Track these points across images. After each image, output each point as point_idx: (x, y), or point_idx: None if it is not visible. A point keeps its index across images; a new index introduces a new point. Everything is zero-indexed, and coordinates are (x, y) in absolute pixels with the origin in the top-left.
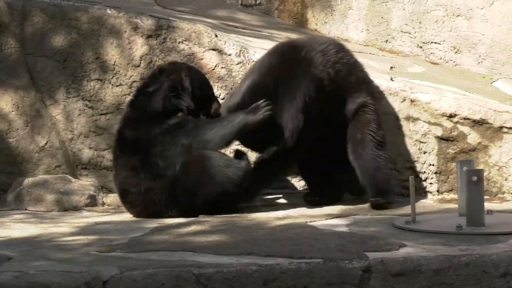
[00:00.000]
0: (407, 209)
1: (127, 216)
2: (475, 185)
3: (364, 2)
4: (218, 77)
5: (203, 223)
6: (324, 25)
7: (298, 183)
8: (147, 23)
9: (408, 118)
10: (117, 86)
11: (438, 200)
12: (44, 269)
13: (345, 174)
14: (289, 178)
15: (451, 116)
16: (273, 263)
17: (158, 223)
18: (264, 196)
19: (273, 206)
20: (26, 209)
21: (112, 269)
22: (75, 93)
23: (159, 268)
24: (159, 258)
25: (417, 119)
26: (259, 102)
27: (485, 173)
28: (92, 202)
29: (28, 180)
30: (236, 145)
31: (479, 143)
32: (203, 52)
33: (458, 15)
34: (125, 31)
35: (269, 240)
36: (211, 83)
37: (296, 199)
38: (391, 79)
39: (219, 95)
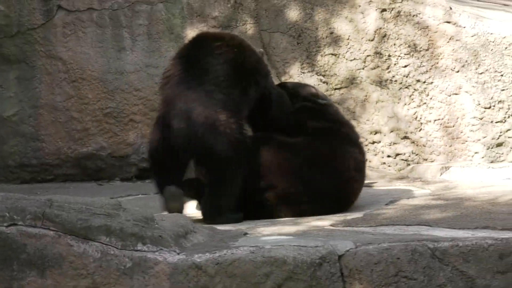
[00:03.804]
0: None
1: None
2: None
3: None
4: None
5: (436, 198)
6: None
7: None
8: None
9: None
10: (351, 60)
11: None
12: (280, 244)
13: None
14: None
15: None
16: (509, 236)
17: (393, 197)
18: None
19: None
20: None
21: (347, 243)
22: (309, 68)
23: (395, 242)
24: (394, 232)
25: None
26: None
27: None
28: None
29: None
30: None
31: None
32: (437, 25)
33: None
34: (359, 5)
35: (504, 213)
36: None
37: None
38: None
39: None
